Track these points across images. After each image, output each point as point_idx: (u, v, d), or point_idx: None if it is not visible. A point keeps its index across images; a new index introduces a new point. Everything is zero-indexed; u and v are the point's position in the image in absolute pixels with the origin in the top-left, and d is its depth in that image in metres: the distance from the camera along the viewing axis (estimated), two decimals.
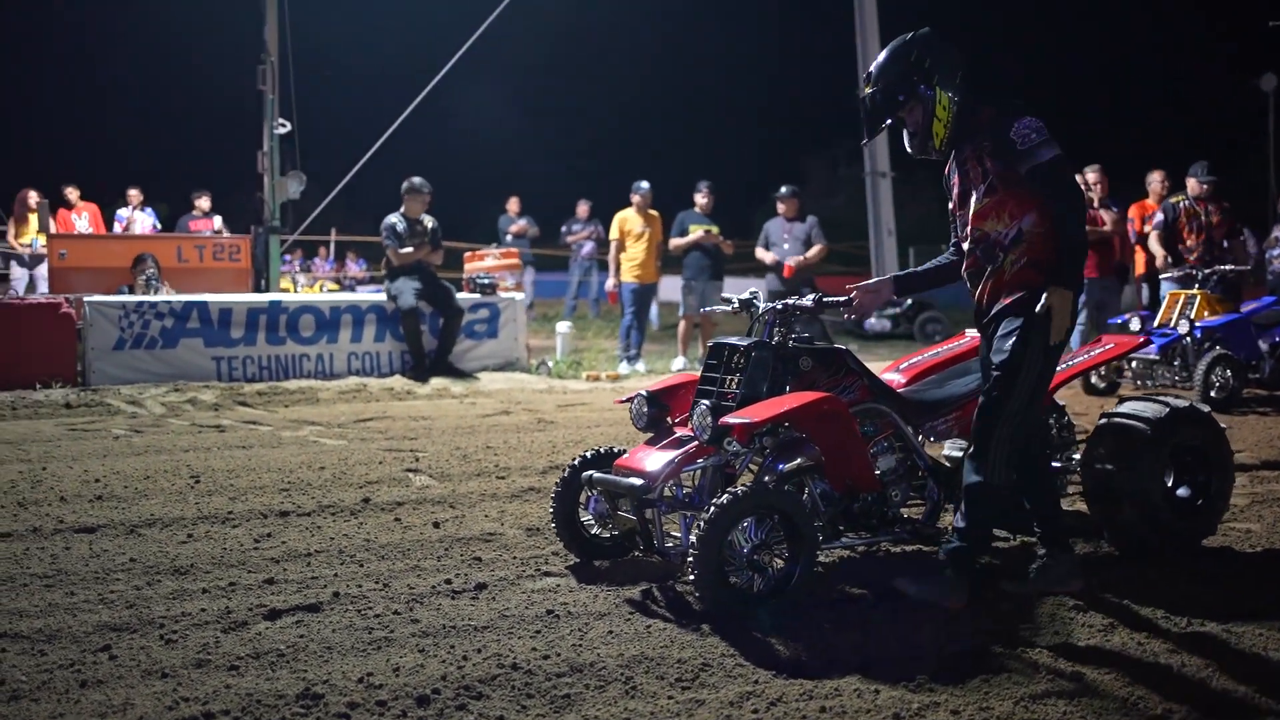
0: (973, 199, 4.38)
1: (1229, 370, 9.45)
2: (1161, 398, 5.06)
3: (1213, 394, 9.38)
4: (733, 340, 4.71)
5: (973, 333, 5.65)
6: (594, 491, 4.70)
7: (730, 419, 4.31)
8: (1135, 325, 10.20)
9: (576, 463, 4.83)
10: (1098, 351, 5.25)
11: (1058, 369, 5.07)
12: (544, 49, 39.02)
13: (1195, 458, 4.99)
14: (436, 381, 10.73)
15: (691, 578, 4.05)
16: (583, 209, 19.51)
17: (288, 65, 12.58)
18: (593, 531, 4.88)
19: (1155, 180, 12.20)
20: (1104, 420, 4.99)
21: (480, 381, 11.00)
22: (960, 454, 5.15)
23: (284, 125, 12.54)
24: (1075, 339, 11.91)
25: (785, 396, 4.44)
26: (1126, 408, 5.01)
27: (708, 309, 6.70)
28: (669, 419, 4.81)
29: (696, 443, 4.46)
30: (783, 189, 12.39)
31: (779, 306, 4.72)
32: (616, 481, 4.48)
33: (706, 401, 4.47)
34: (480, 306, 11.65)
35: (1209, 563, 4.82)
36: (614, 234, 12.93)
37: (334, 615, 4.12)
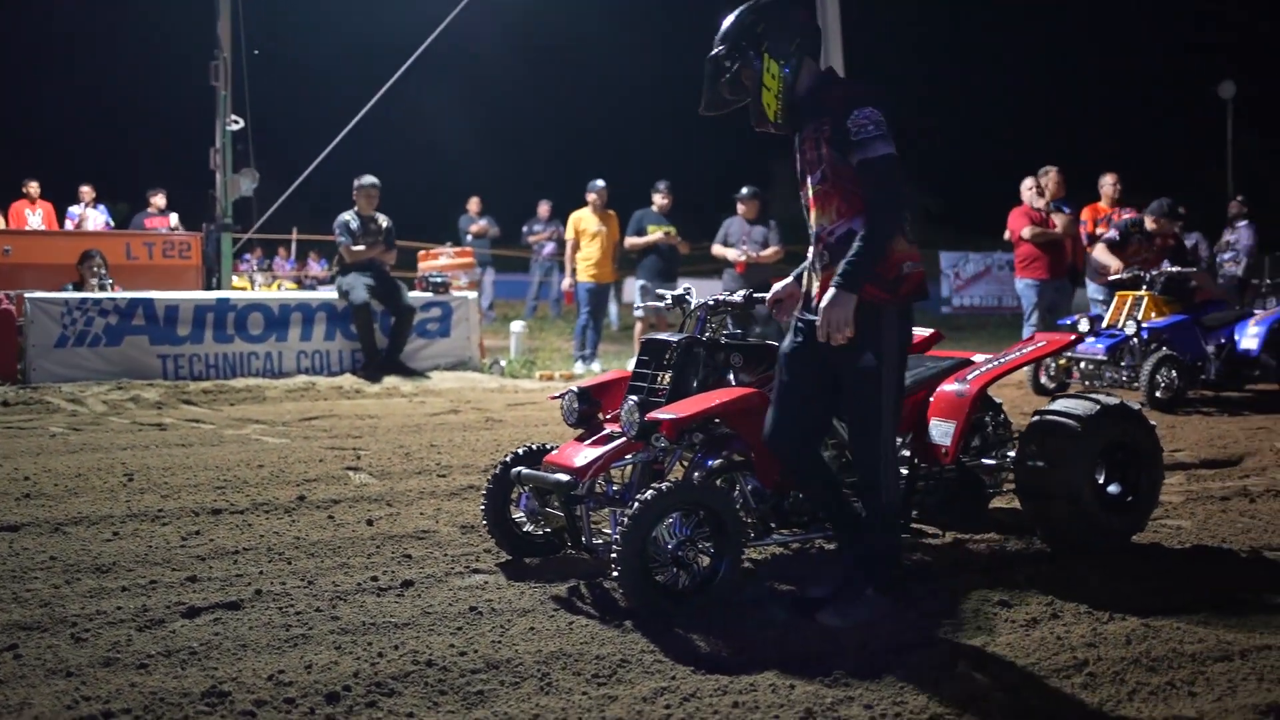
0: (809, 182, 4.13)
1: (1174, 371, 9.52)
2: (1093, 395, 5.09)
3: (1158, 394, 9.46)
4: (664, 336, 4.69)
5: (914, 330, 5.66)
6: (524, 488, 4.66)
7: (657, 414, 4.28)
8: (1084, 326, 10.26)
9: (508, 460, 4.79)
10: (1030, 349, 5.27)
11: (997, 363, 5.10)
12: (506, 47, 38.86)
13: (1126, 455, 5.01)
14: (387, 380, 10.65)
15: (615, 574, 4.02)
16: (544, 209, 19.46)
17: (241, 61, 12.47)
18: (524, 529, 4.84)
19: (1107, 183, 12.30)
20: (1036, 418, 5.00)
21: (431, 380, 10.93)
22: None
23: (237, 122, 12.42)
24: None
25: (713, 392, 4.42)
26: (1058, 405, 5.03)
27: (640, 307, 6.66)
28: (600, 415, 4.78)
29: (625, 439, 4.43)
30: (744, 190, 12.37)
31: (710, 302, 4.70)
32: (544, 477, 4.44)
33: (634, 397, 4.44)
34: (432, 305, 11.57)
35: (1138, 559, 4.84)
36: (569, 234, 12.90)
37: (254, 613, 4.05)
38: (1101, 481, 4.99)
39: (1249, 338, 10.16)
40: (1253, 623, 3.97)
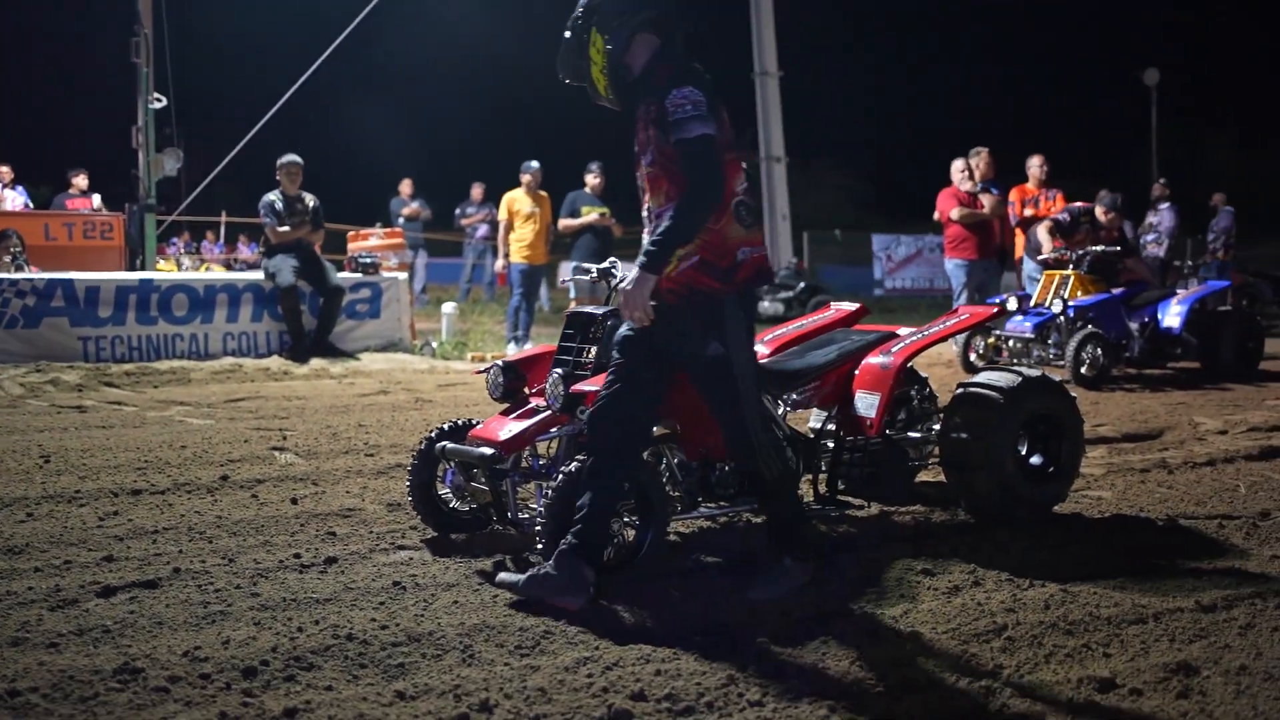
0: (642, 164, 4.02)
1: (1099, 348, 9.70)
2: (1015, 367, 5.16)
3: (1083, 371, 9.63)
4: (589, 309, 4.66)
5: (839, 305, 5.70)
6: (450, 463, 4.62)
7: (582, 386, 4.26)
8: (1012, 304, 10.42)
9: (433, 435, 4.74)
10: (952, 322, 5.32)
11: (921, 335, 5.15)
12: (440, 26, 38.40)
13: (1048, 426, 5.09)
14: (315, 362, 10.50)
15: (540, 546, 4.00)
16: (477, 191, 19.27)
17: (163, 37, 12.19)
18: (451, 505, 4.79)
19: (1034, 165, 12.47)
20: (960, 390, 5.05)
21: (361, 362, 10.80)
22: (820, 425, 5.19)
23: (159, 100, 12.14)
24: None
25: None
26: (981, 377, 5.09)
27: (565, 281, 6.62)
28: (526, 390, 4.75)
29: (550, 412, 4.40)
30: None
31: None
32: (468, 451, 4.40)
33: (559, 370, 4.41)
34: (362, 286, 11.42)
35: (1059, 528, 4.93)
36: (502, 215, 12.81)
37: (171, 591, 3.97)
38: (1024, 453, 5.07)
39: (1171, 316, 10.38)
40: (1167, 587, 4.05)
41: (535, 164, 12.65)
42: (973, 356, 10.66)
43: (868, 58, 50.07)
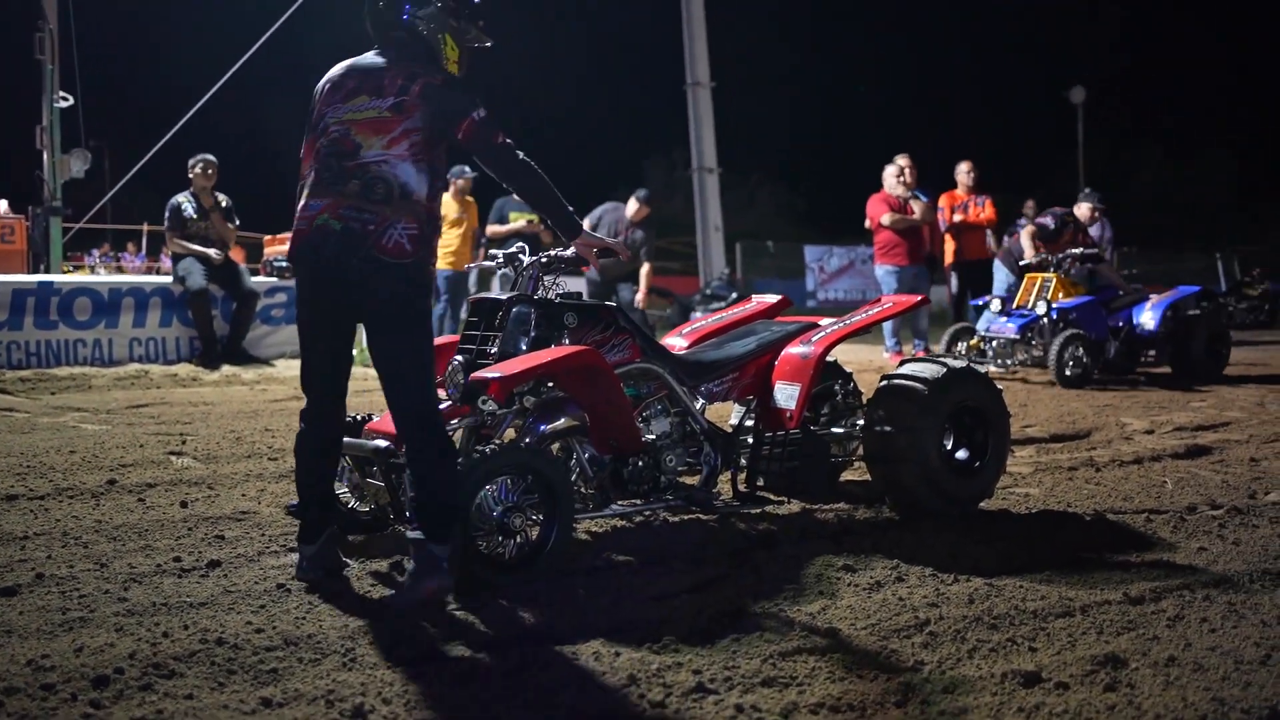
0: None
1: (1082, 349, 9.73)
2: (940, 358, 5.00)
3: (1067, 372, 9.61)
4: (494, 295, 4.42)
5: (760, 298, 5.51)
6: (346, 459, 4.34)
7: (484, 374, 4.00)
8: (996, 306, 10.57)
9: None
10: (876, 310, 5.14)
11: (842, 325, 4.97)
12: (360, 29, 37.82)
13: (974, 419, 4.92)
14: (227, 368, 10.10)
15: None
16: None
17: (70, 33, 11.73)
18: (350, 505, 4.51)
19: (962, 170, 12.46)
20: (884, 382, 4.88)
21: (275, 368, 10.41)
22: (739, 419, 4.99)
23: (65, 99, 11.68)
24: (889, 332, 12.07)
25: (542, 351, 4.16)
26: (905, 369, 4.92)
27: (470, 266, 6.33)
28: None
29: (450, 402, 4.14)
30: (641, 192, 12.14)
31: (543, 260, 4.44)
32: (362, 444, 4.12)
33: (460, 358, 4.15)
34: (277, 290, 11.03)
35: (985, 523, 4.76)
36: None
37: (30, 598, 3.64)
38: (950, 446, 4.90)
39: (1147, 319, 10.45)
40: (1094, 580, 3.89)
41: (467, 169, 12.35)
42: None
43: (798, 72, 50.44)
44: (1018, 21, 51.79)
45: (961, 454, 4.94)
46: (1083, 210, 11.59)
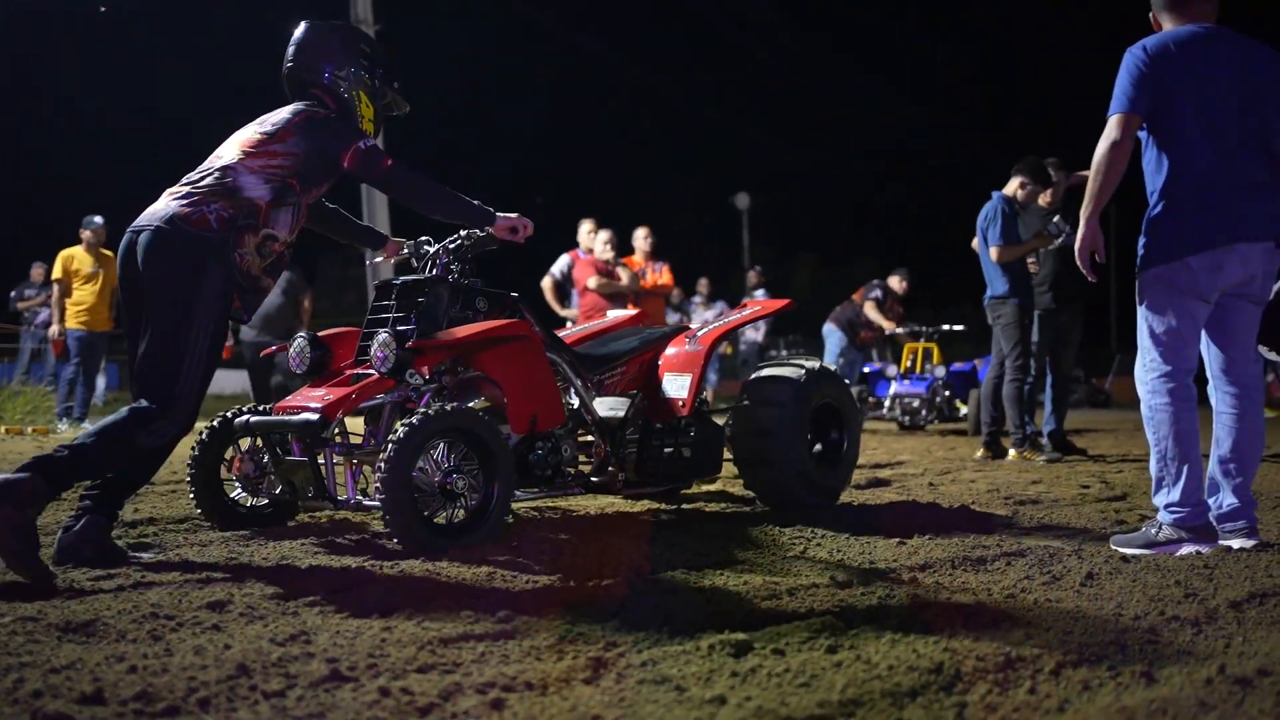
0: None
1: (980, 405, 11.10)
2: (795, 360, 5.31)
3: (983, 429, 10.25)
4: (406, 277, 4.38)
5: (616, 312, 5.68)
6: (256, 439, 4.13)
7: (421, 343, 3.96)
8: (891, 371, 12.15)
9: (228, 414, 4.25)
10: (749, 311, 5.44)
11: (719, 323, 5.22)
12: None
13: (829, 415, 5.27)
14: None
15: (386, 519, 3.64)
16: (37, 272, 15.47)
17: None
18: (237, 498, 4.31)
19: (640, 236, 12.39)
20: (751, 379, 5.16)
21: None
22: (617, 411, 5.08)
23: None
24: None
25: (475, 324, 4.17)
26: (768, 371, 5.18)
27: (378, 258, 5.73)
28: (332, 366, 4.35)
29: (375, 376, 4.04)
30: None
31: (451, 244, 4.45)
32: (285, 421, 3.93)
33: (386, 331, 4.07)
34: None
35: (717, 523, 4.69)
36: (57, 273, 11.27)
37: None
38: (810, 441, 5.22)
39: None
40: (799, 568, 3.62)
41: (99, 219, 11.29)
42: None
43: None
44: (689, 129, 55.33)
45: (819, 448, 5.27)
46: (895, 282, 13.13)
